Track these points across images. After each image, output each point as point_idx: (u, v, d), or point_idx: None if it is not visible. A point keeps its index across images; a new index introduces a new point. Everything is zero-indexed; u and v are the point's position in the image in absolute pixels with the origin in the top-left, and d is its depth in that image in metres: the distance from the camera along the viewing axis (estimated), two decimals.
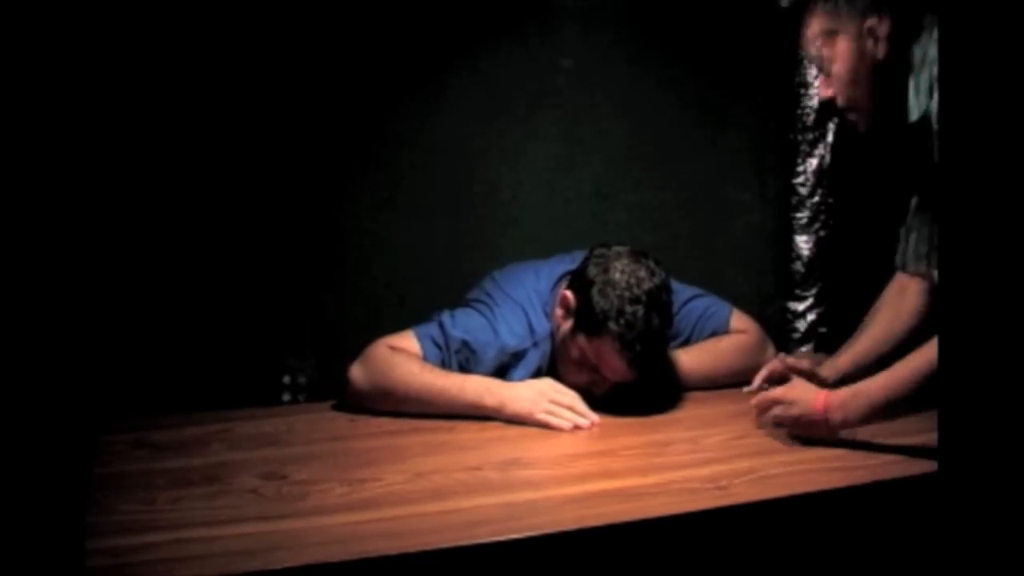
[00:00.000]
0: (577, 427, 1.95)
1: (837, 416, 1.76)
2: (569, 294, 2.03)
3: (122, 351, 2.18)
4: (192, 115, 2.21)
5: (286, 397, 2.33)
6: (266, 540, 1.47)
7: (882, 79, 1.81)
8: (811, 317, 2.68)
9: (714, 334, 2.22)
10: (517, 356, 2.07)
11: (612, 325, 1.93)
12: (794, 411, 1.81)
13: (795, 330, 2.69)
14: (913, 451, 1.79)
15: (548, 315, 2.10)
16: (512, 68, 2.47)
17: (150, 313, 2.22)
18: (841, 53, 1.82)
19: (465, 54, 2.42)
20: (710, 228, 2.67)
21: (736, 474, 1.72)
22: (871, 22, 1.78)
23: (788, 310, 2.69)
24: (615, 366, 1.97)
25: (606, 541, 1.53)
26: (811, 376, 1.99)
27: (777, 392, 1.85)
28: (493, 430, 1.95)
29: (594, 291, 1.97)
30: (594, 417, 1.97)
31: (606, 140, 2.57)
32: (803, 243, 2.69)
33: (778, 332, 2.60)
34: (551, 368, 2.08)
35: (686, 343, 2.22)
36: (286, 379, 2.32)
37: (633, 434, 1.93)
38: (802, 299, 2.69)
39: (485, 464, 1.78)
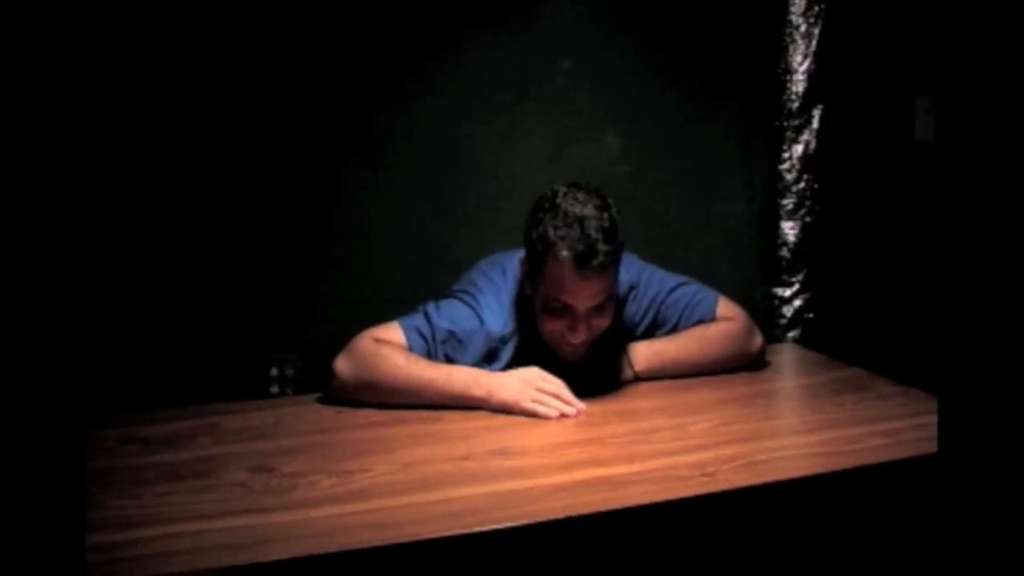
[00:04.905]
0: (563, 415, 1.96)
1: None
2: (521, 255, 2.05)
3: (109, 346, 2.17)
4: (177, 111, 2.20)
5: (274, 389, 2.32)
6: (255, 533, 1.47)
7: None
8: (797, 303, 2.68)
9: (700, 322, 2.22)
10: (504, 341, 2.07)
11: (552, 240, 1.93)
12: None
13: (782, 316, 2.70)
14: (898, 434, 1.80)
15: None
16: (498, 60, 2.46)
17: (137, 307, 2.21)
18: None
19: (451, 46, 2.41)
20: (696, 215, 2.67)
21: (722, 460, 1.73)
22: None
23: (774, 296, 2.69)
24: (572, 286, 1.94)
25: (594, 529, 1.54)
26: None
27: None
28: (480, 420, 1.96)
29: (537, 230, 1.97)
30: (580, 405, 1.98)
31: (592, 129, 2.57)
32: (789, 229, 2.69)
33: (765, 318, 2.61)
34: (529, 353, 2.07)
35: (673, 331, 2.22)
36: (274, 371, 2.32)
37: (620, 422, 1.94)
38: (788, 285, 2.69)
39: (473, 454, 1.79)
